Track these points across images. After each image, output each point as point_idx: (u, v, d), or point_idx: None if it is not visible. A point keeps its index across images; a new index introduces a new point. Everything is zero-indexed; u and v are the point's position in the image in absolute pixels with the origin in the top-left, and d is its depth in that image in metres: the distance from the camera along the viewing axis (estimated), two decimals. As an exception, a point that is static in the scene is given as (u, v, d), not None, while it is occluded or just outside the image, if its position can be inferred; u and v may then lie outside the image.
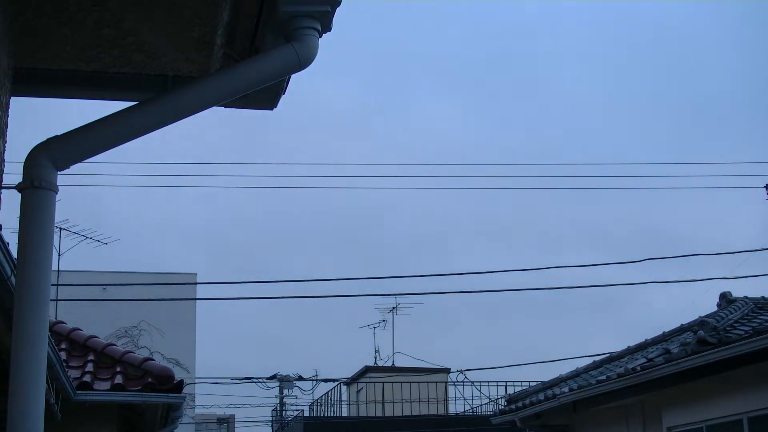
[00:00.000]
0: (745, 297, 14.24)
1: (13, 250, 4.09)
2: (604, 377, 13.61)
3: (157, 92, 4.14)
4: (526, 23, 58.29)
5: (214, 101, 3.98)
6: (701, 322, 11.38)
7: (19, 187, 3.66)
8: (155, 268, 29.35)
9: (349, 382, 30.18)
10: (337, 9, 3.94)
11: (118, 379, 9.95)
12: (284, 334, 57.16)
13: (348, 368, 43.20)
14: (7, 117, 4.04)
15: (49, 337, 4.25)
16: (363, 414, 27.03)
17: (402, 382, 26.12)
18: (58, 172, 3.72)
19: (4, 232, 4.84)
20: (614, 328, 46.79)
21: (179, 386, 10.28)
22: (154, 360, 10.95)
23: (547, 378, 17.88)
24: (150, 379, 10.11)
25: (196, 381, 26.92)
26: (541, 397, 15.90)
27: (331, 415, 28.21)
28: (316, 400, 29.19)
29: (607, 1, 54.12)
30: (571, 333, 48.14)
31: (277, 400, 28.96)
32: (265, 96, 4.42)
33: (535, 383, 18.84)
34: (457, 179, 35.45)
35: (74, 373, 9.80)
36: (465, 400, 26.10)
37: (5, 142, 3.99)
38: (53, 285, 4.43)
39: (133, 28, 3.90)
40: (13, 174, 3.90)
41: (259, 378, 27.33)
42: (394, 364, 29.44)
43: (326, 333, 55.01)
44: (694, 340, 10.82)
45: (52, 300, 4.40)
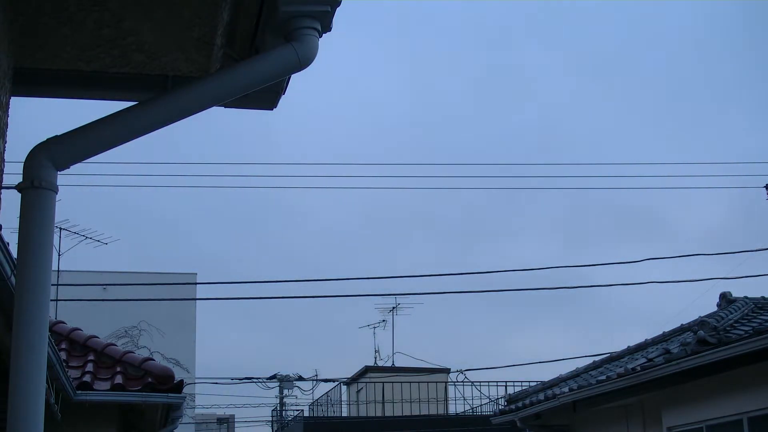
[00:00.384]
0: (745, 297, 14.24)
1: (13, 250, 4.09)
2: (604, 377, 13.61)
3: (157, 92, 4.14)
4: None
5: (214, 101, 3.98)
6: (701, 322, 11.38)
7: (19, 187, 3.66)
8: (155, 268, 29.38)
9: (349, 382, 30.19)
10: (337, 9, 3.95)
11: (118, 379, 9.95)
12: (284, 334, 57.23)
13: (348, 368, 43.26)
14: (7, 117, 4.04)
15: (49, 337, 4.25)
16: (363, 414, 27.04)
17: (402, 382, 26.13)
18: (58, 172, 3.72)
19: (4, 232, 4.85)
20: (612, 329, 46.81)
21: (179, 386, 10.28)
22: (154, 360, 10.95)
23: (547, 378, 17.90)
24: (150, 379, 10.11)
25: (196, 381, 26.93)
26: (541, 397, 15.90)
27: (331, 415, 28.21)
28: (316, 400, 29.20)
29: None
30: (572, 333, 48.18)
31: (277, 400, 28.97)
32: (265, 96, 4.42)
33: (535, 383, 18.85)
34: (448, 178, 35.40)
35: (74, 373, 9.80)
36: (465, 400, 26.14)
37: (5, 142, 3.99)
38: (53, 285, 4.43)
39: (133, 28, 3.90)
40: (13, 174, 3.91)
41: (259, 378, 27.34)
42: (394, 364, 29.46)
43: (326, 333, 55.08)
44: (694, 340, 10.82)
45: (52, 300, 4.40)
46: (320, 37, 3.98)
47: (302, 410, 28.69)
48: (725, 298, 14.40)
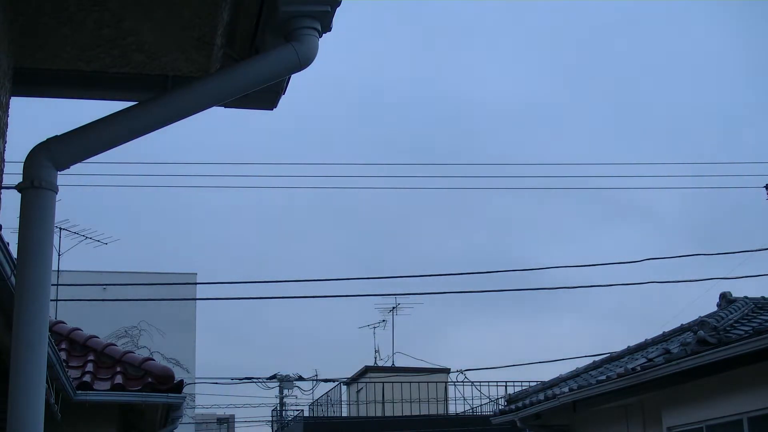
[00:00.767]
0: (745, 297, 14.24)
1: (13, 250, 4.09)
2: (604, 377, 13.61)
3: (157, 92, 4.14)
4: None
5: (214, 101, 3.98)
6: (701, 322, 11.38)
7: (19, 187, 3.66)
8: (155, 268, 29.37)
9: (349, 382, 30.19)
10: (337, 9, 3.95)
11: (118, 379, 9.95)
12: (284, 334, 57.23)
13: (348, 368, 43.21)
14: (7, 117, 4.04)
15: (49, 337, 4.25)
16: (363, 414, 27.04)
17: (402, 382, 26.13)
18: (58, 172, 3.72)
19: (4, 232, 4.85)
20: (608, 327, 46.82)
21: (179, 386, 10.28)
22: (154, 360, 10.95)
23: (547, 378, 17.90)
24: (150, 379, 10.11)
25: (196, 381, 26.94)
26: (541, 397, 15.90)
27: (331, 415, 28.22)
28: (316, 400, 29.21)
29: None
30: (571, 332, 48.18)
31: (277, 400, 28.98)
32: (265, 96, 4.42)
33: (535, 383, 18.85)
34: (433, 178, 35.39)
35: (74, 373, 9.80)
36: (465, 400, 26.14)
37: (5, 142, 3.99)
38: (53, 285, 4.43)
39: (133, 28, 3.90)
40: (13, 174, 3.91)
41: (259, 378, 27.36)
42: (394, 364, 29.46)
43: (326, 333, 55.08)
44: (694, 340, 10.82)
45: (52, 300, 4.40)
46: (320, 37, 3.98)
47: (302, 410, 28.72)
48: (725, 298, 14.40)
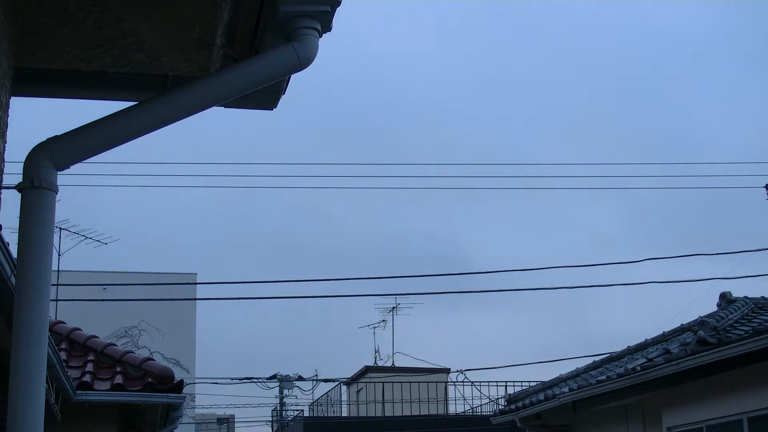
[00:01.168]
0: (745, 297, 14.24)
1: (13, 250, 4.09)
2: (604, 377, 13.61)
3: (157, 92, 4.14)
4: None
5: (214, 101, 3.98)
6: (701, 322, 11.39)
7: (19, 187, 3.66)
8: (155, 268, 29.35)
9: (349, 382, 30.19)
10: (337, 9, 3.95)
11: (118, 379, 9.95)
12: (284, 334, 57.23)
13: (348, 368, 43.24)
14: (7, 117, 4.04)
15: (49, 337, 4.25)
16: (363, 414, 27.04)
17: (402, 382, 26.13)
18: (58, 172, 3.72)
19: (4, 232, 4.85)
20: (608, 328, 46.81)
21: (179, 386, 10.29)
22: (154, 360, 10.96)
23: (547, 378, 17.90)
24: (150, 379, 10.11)
25: (196, 381, 26.95)
26: (541, 397, 15.90)
27: (331, 415, 28.22)
28: (316, 400, 29.21)
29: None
30: (570, 331, 48.18)
31: (277, 400, 28.98)
32: (265, 96, 4.42)
33: (535, 383, 18.85)
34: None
35: (74, 373, 9.80)
36: (465, 400, 26.15)
37: (5, 142, 3.99)
38: (53, 285, 4.43)
39: (133, 28, 3.90)
40: (13, 174, 3.91)
41: (259, 378, 27.37)
42: (394, 364, 29.47)
43: (326, 333, 55.07)
44: (694, 340, 10.82)
45: (52, 300, 4.40)
46: (320, 37, 3.98)
47: (302, 410, 28.72)
48: (725, 298, 14.40)
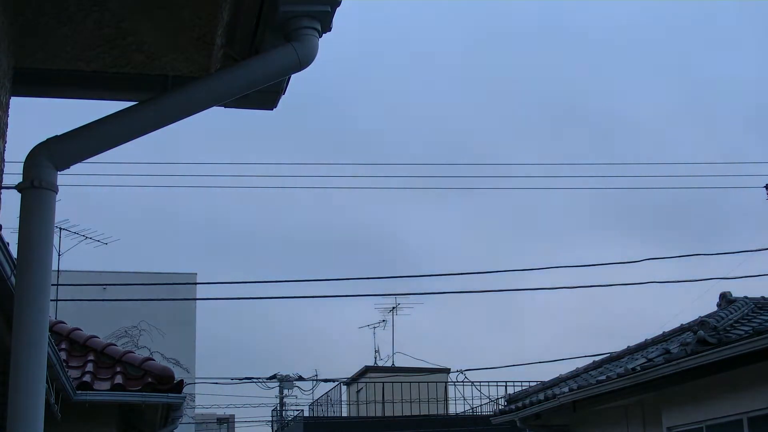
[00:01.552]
0: (745, 297, 14.24)
1: (13, 250, 4.09)
2: (604, 377, 13.61)
3: (157, 92, 4.14)
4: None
5: (214, 101, 3.99)
6: (701, 322, 11.39)
7: (19, 187, 3.66)
8: (155, 268, 29.36)
9: (349, 382, 30.20)
10: (337, 9, 3.95)
11: (118, 379, 9.95)
12: (284, 334, 57.25)
13: (348, 368, 43.26)
14: (7, 117, 4.04)
15: (49, 337, 4.25)
16: (363, 414, 27.04)
17: (402, 382, 26.14)
18: (58, 172, 3.72)
19: (4, 232, 4.85)
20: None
21: (179, 386, 10.29)
22: (154, 360, 10.96)
23: (547, 378, 17.90)
24: (150, 379, 10.11)
25: (196, 381, 26.94)
26: (541, 397, 15.91)
27: (331, 415, 28.22)
28: (316, 400, 29.22)
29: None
30: (570, 331, 48.19)
31: (277, 400, 28.98)
32: (265, 96, 4.42)
33: (535, 383, 18.85)
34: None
35: (74, 373, 9.80)
36: (465, 400, 26.15)
37: (5, 142, 3.99)
38: (53, 285, 4.43)
39: (133, 28, 3.90)
40: (13, 174, 3.91)
41: (259, 378, 27.37)
42: (394, 364, 29.47)
43: (326, 333, 55.09)
44: (694, 340, 10.82)
45: (52, 300, 4.40)
46: (320, 37, 3.98)
47: (302, 410, 28.73)
48: (725, 298, 14.40)
